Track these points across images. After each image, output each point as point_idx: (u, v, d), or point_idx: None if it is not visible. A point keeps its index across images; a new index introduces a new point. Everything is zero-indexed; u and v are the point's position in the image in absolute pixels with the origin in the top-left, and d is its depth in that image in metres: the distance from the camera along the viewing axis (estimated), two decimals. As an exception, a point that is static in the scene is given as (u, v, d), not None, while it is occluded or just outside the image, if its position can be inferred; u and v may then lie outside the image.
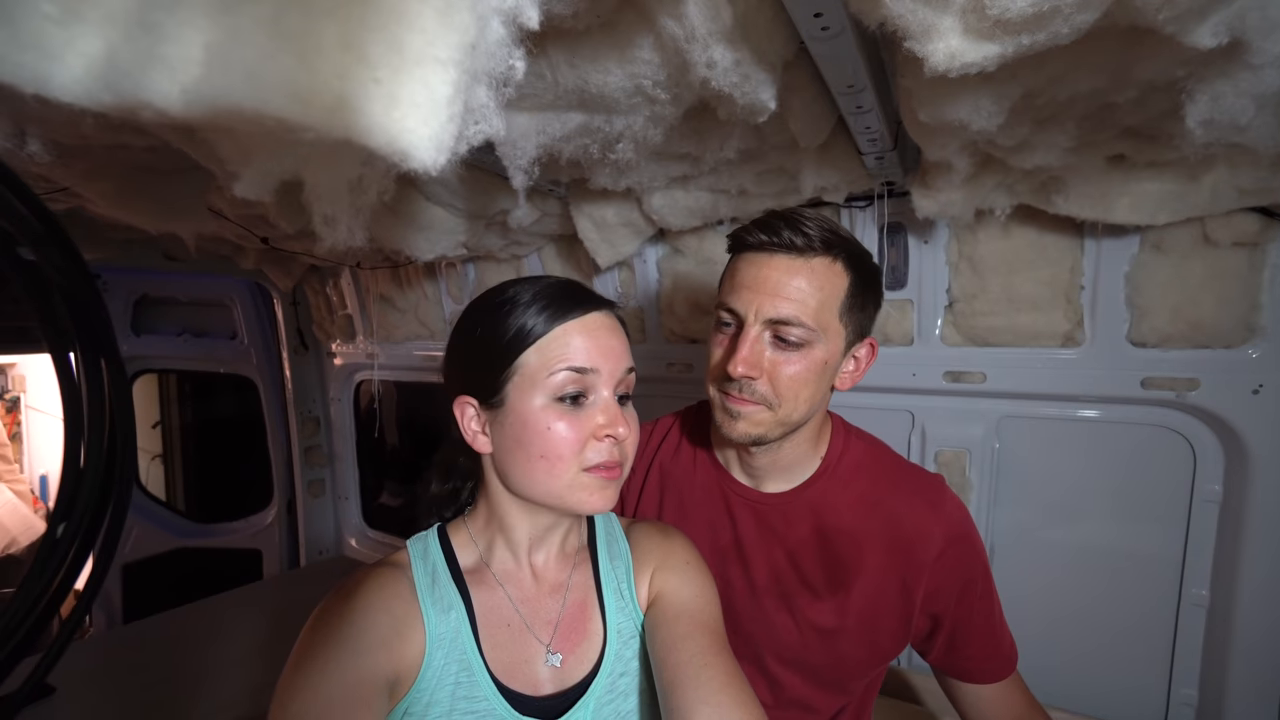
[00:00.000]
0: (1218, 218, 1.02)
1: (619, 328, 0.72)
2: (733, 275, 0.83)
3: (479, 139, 0.40)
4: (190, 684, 1.76)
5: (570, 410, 0.65)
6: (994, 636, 0.91)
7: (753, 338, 0.79)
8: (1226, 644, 1.13)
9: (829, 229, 0.80)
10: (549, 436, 0.64)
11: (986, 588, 0.90)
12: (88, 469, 0.84)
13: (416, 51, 0.31)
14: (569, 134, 0.92)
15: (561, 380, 0.64)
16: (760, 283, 0.79)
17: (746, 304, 0.79)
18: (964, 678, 0.92)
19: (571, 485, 0.65)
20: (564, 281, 0.71)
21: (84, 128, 0.71)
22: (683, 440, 1.02)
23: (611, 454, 0.66)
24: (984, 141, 0.90)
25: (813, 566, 0.89)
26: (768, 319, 0.78)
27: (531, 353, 0.65)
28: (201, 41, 0.32)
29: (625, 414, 0.69)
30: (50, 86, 0.34)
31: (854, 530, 0.88)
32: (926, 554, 0.86)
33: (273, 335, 2.77)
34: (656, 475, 1.00)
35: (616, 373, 0.68)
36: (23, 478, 4.97)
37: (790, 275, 0.78)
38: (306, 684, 0.57)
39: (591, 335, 0.67)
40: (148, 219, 1.32)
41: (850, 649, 0.89)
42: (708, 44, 0.66)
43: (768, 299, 0.78)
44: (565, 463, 0.65)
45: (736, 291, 0.81)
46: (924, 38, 0.56)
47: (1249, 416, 1.07)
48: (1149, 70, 0.64)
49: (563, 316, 0.66)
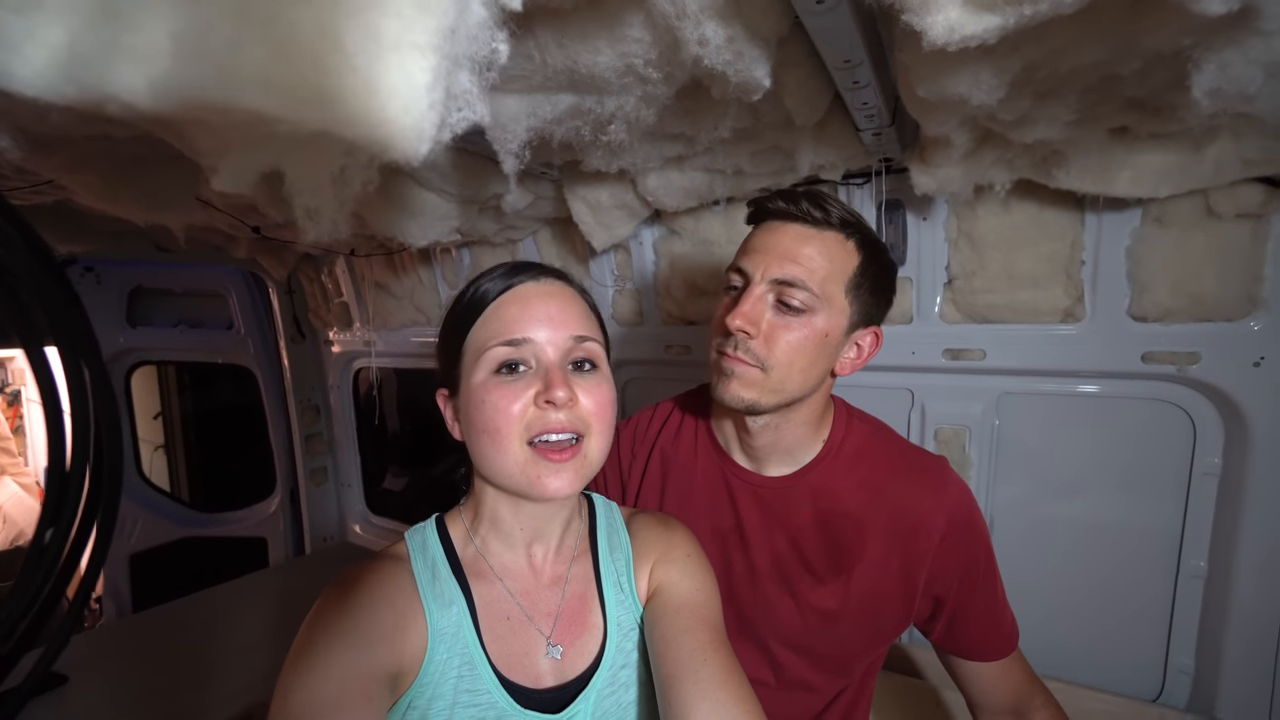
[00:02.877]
0: (1221, 189, 1.00)
1: (564, 294, 0.69)
2: (747, 241, 0.86)
3: (463, 126, 0.38)
4: (201, 671, 1.78)
5: (505, 380, 0.64)
6: (995, 617, 0.91)
7: (756, 295, 0.81)
8: (1224, 615, 1.14)
9: (850, 212, 0.82)
10: (484, 408, 0.63)
11: (989, 570, 0.90)
12: (73, 472, 0.83)
13: (393, 37, 0.30)
14: (560, 116, 0.90)
15: (495, 354, 0.64)
16: (772, 246, 0.82)
17: (755, 264, 0.82)
18: (965, 656, 0.93)
19: (522, 465, 0.63)
20: (516, 261, 0.71)
21: (51, 120, 0.69)
22: (683, 424, 1.02)
23: (557, 422, 0.63)
24: (984, 116, 0.88)
25: (814, 551, 0.89)
26: (773, 279, 0.80)
27: (473, 333, 0.67)
28: (168, 30, 0.31)
29: (584, 382, 0.66)
30: (11, 80, 0.33)
31: (856, 514, 0.88)
32: (929, 539, 0.86)
33: (269, 324, 2.75)
34: (658, 460, 1.00)
35: (558, 339, 0.65)
36: (27, 470, 5.00)
37: (802, 242, 0.80)
38: (309, 677, 0.57)
39: (523, 304, 0.66)
40: (135, 210, 1.29)
41: (851, 632, 0.89)
42: (699, 20, 0.64)
43: (776, 260, 0.80)
44: (504, 435, 0.62)
45: (748, 254, 0.84)
46: (922, 10, 0.54)
47: (1250, 389, 1.07)
48: (1155, 40, 0.62)
49: (498, 291, 0.67)
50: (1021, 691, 0.92)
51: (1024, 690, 0.92)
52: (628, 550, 0.78)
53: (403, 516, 2.81)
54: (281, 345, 2.71)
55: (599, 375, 0.68)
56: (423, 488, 2.94)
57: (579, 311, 0.69)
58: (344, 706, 0.55)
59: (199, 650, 1.90)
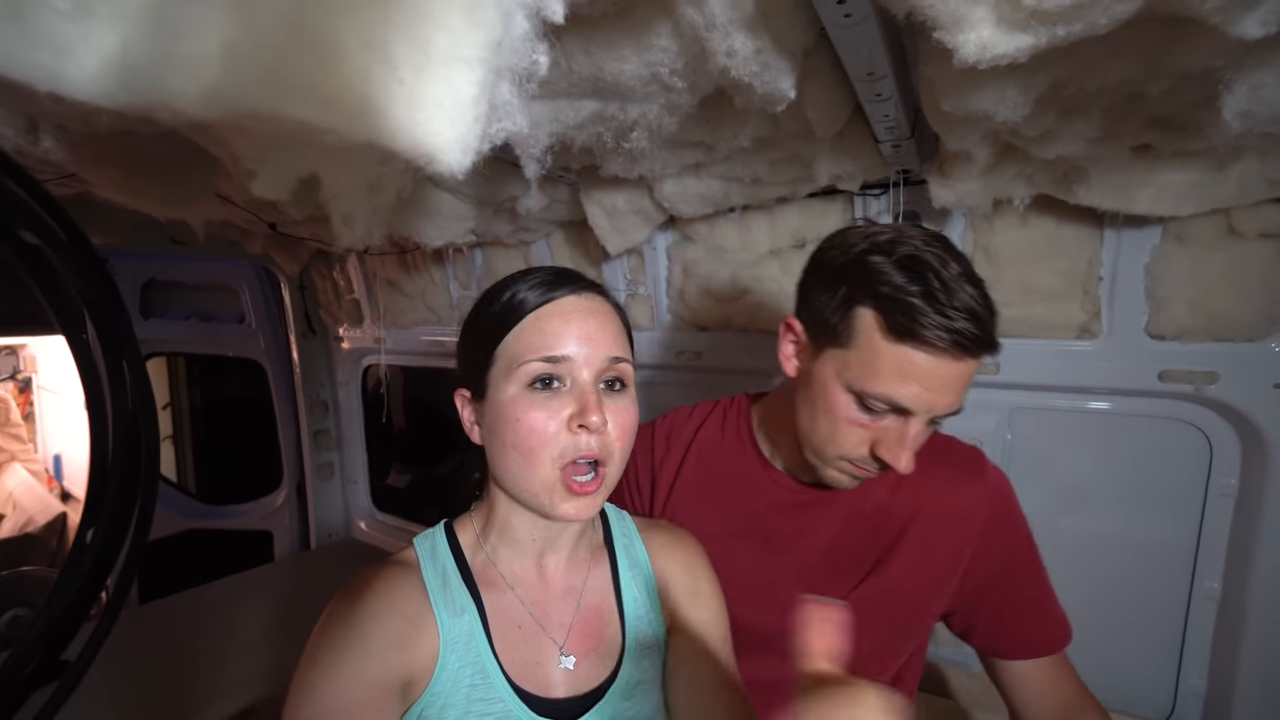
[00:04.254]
0: (1244, 209, 0.99)
1: (603, 311, 0.68)
2: (903, 369, 0.71)
3: (502, 137, 0.39)
4: (206, 664, 1.79)
5: (541, 398, 0.62)
6: (1043, 608, 0.87)
7: (921, 432, 0.74)
8: (1237, 636, 1.13)
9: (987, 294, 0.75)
10: (518, 426, 0.62)
11: (1032, 559, 0.87)
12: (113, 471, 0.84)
13: (443, 51, 0.30)
14: (582, 122, 0.90)
15: (532, 368, 0.62)
16: (941, 386, 0.71)
17: (918, 401, 0.72)
18: (1011, 655, 0.88)
19: (548, 486, 0.63)
20: (554, 269, 0.69)
21: (99, 123, 0.69)
22: (725, 426, 1.00)
23: (588, 447, 0.62)
24: (1006, 131, 0.87)
25: (851, 553, 0.88)
26: (938, 415, 0.74)
27: (507, 342, 0.64)
28: (218, 39, 0.31)
29: (613, 404, 0.65)
30: (64, 84, 0.33)
31: (892, 510, 0.87)
32: (969, 527, 0.84)
33: (280, 319, 2.77)
34: (695, 458, 0.99)
35: (595, 360, 0.64)
36: (37, 457, 5.04)
37: (963, 380, 0.72)
38: (318, 688, 0.57)
39: (565, 319, 0.64)
40: (155, 205, 1.31)
41: (886, 631, 0.87)
42: (728, 32, 0.65)
43: (943, 399, 0.72)
44: (537, 455, 0.62)
45: (913, 393, 0.72)
46: (954, 28, 0.54)
47: (1269, 411, 1.06)
48: (1186, 60, 0.62)
49: (537, 303, 0.65)
50: (1070, 704, 0.87)
51: (1073, 702, 0.87)
52: (646, 568, 0.78)
53: (407, 514, 2.81)
54: (292, 340, 2.73)
55: (627, 396, 0.67)
56: (427, 486, 2.95)
57: (616, 330, 0.68)
58: (354, 717, 0.55)
59: (203, 644, 1.91)
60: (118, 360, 0.84)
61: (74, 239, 0.82)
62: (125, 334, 0.85)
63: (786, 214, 1.41)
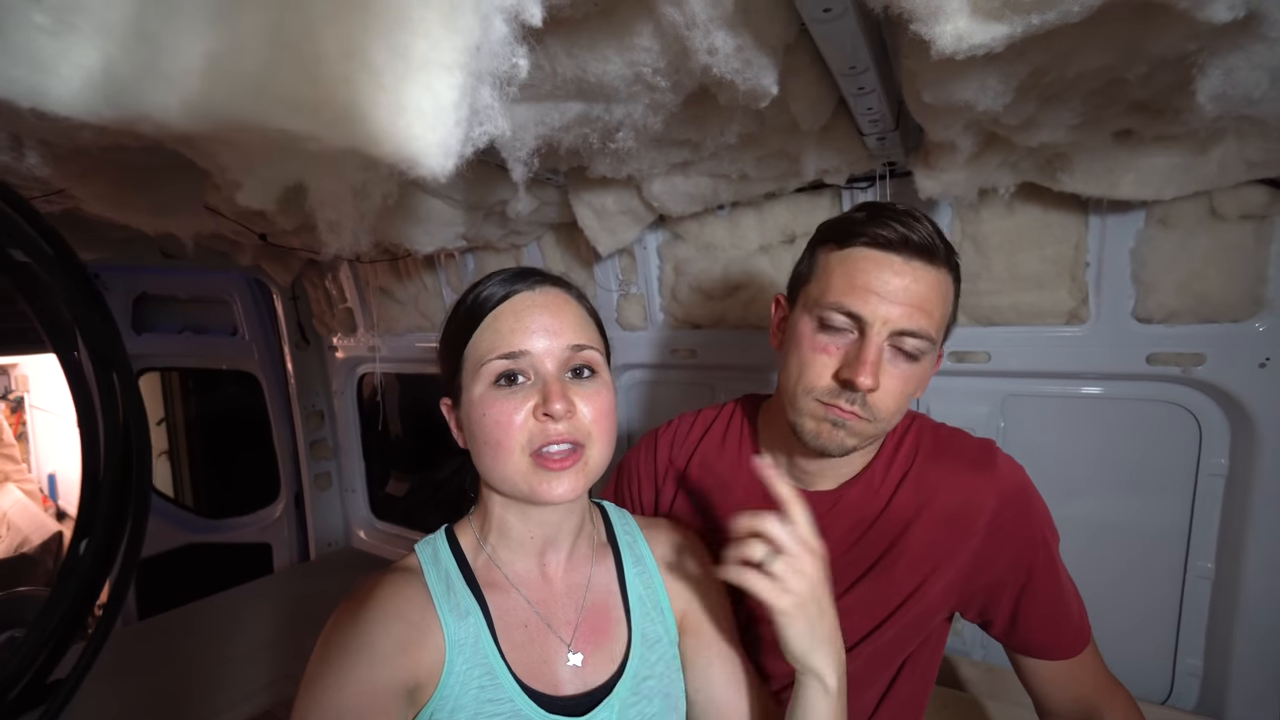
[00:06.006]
0: (1225, 191, 1.01)
1: (559, 301, 0.69)
2: (850, 274, 0.73)
3: (484, 140, 0.39)
4: (207, 678, 1.78)
5: (504, 394, 0.64)
6: (1060, 609, 0.84)
7: (878, 347, 0.72)
8: (1231, 615, 1.15)
9: (944, 237, 0.75)
10: (485, 421, 0.64)
11: (1049, 555, 0.84)
12: (105, 483, 0.84)
13: (421, 56, 0.30)
14: (568, 124, 0.91)
15: (493, 367, 0.64)
16: (895, 293, 0.72)
17: (873, 311, 0.72)
18: (1030, 654, 0.86)
19: (523, 473, 0.64)
20: (514, 269, 0.71)
21: (82, 138, 0.69)
22: (728, 433, 0.99)
23: (556, 433, 0.63)
24: (989, 120, 0.88)
25: (854, 554, 0.87)
26: (896, 330, 0.72)
27: (471, 345, 0.67)
28: (200, 51, 0.31)
29: (582, 390, 0.66)
30: (46, 100, 0.33)
31: (896, 510, 0.85)
32: (976, 520, 0.82)
33: (273, 330, 2.76)
34: (699, 467, 0.98)
35: (556, 350, 0.65)
36: (31, 477, 5.00)
37: (926, 287, 0.73)
38: (324, 697, 0.57)
39: (519, 316, 0.66)
40: (144, 219, 1.30)
41: (888, 628, 0.86)
42: (709, 30, 0.65)
43: (902, 309, 0.71)
44: (504, 445, 0.63)
45: (860, 294, 0.72)
46: (930, 20, 0.55)
47: (1255, 390, 1.07)
48: (1160, 45, 0.63)
49: (495, 304, 0.67)
50: (1089, 700, 0.85)
51: (1093, 699, 0.85)
52: (651, 564, 0.79)
53: (406, 522, 2.81)
54: (286, 351, 2.73)
55: (598, 382, 0.68)
56: (426, 493, 2.95)
57: (576, 319, 0.69)
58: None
59: (204, 657, 1.91)
60: (108, 375, 0.84)
61: (62, 255, 0.82)
62: (116, 349, 0.85)
63: (775, 209, 1.42)
